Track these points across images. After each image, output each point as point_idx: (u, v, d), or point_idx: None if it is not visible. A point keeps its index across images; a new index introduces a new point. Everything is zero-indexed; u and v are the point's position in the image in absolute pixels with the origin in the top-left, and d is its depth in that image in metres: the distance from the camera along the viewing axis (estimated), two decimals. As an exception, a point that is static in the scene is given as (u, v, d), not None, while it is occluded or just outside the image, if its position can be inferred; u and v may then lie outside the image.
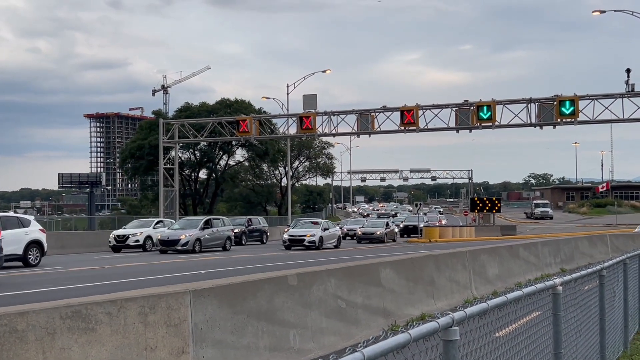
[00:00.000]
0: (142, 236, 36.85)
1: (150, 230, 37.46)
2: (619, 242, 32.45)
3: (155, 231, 37.01)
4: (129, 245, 36.46)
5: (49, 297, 12.66)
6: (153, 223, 38.58)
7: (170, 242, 33.92)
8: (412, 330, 3.12)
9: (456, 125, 42.63)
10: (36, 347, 5.79)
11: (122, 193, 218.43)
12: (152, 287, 8.83)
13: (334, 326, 9.96)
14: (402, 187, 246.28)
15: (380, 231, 45.81)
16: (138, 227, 38.26)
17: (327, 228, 39.41)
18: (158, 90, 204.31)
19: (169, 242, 33.96)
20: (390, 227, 48.90)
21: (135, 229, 37.66)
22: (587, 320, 7.55)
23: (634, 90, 39.77)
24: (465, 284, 15.52)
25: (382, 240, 45.08)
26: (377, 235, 45.47)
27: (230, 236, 37.33)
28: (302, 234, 38.25)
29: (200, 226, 34.88)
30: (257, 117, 49.55)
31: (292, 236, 38.37)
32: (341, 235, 41.65)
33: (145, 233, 37.05)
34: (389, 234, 47.13)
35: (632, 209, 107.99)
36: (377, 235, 45.36)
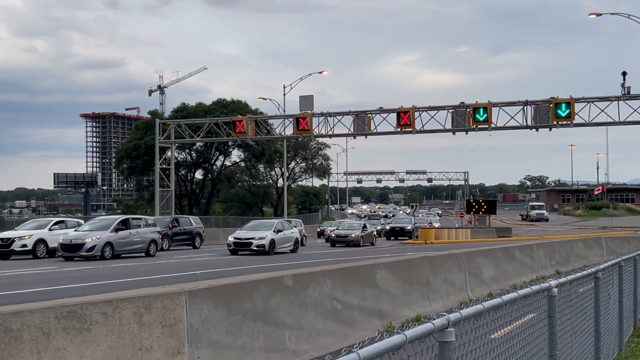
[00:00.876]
0: (32, 240, 29.83)
1: (44, 232, 30.56)
2: (614, 244, 32.55)
3: (52, 233, 30.51)
4: (14, 251, 29.62)
5: (44, 297, 12.63)
6: (50, 223, 31.61)
7: (73, 247, 27.98)
8: (408, 332, 3.12)
9: (452, 127, 42.68)
10: (31, 347, 5.77)
11: (117, 193, 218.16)
12: (147, 288, 8.82)
13: (330, 327, 9.96)
14: (398, 189, 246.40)
15: (356, 233, 42.97)
16: (32, 228, 31.46)
17: (281, 230, 34.29)
18: (155, 90, 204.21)
19: (71, 247, 28.03)
20: (368, 229, 45.71)
21: (25, 231, 30.81)
22: (582, 323, 7.56)
23: (630, 93, 39.87)
24: (461, 285, 15.54)
25: (357, 243, 42.22)
26: (352, 237, 42.65)
27: (156, 239, 31.85)
28: (249, 237, 32.92)
29: (114, 227, 29.21)
30: (254, 118, 49.54)
31: (237, 239, 33.20)
32: (299, 238, 36.45)
33: (36, 236, 30.05)
34: (367, 237, 44.23)
35: (627, 211, 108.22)
36: (353, 238, 42.56)
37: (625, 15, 42.58)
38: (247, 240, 32.78)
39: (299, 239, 36.34)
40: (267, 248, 32.36)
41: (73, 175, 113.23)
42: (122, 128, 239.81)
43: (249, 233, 33.52)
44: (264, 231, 33.46)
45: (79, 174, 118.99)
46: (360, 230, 43.78)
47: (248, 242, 32.68)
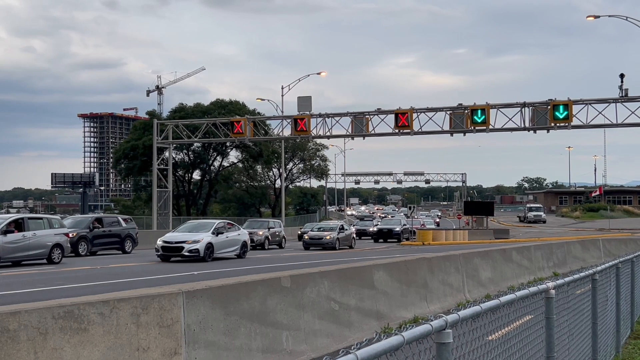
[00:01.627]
0: None
1: None
2: (612, 246, 32.59)
3: None
4: None
5: (41, 297, 12.62)
6: None
7: None
8: (406, 333, 3.12)
9: (450, 128, 42.72)
10: (28, 347, 5.76)
11: (115, 193, 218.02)
12: (144, 288, 8.81)
13: (327, 328, 9.96)
14: (395, 190, 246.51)
15: (331, 235, 40.11)
16: None
17: (222, 232, 28.99)
18: (152, 90, 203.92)
19: None
20: (346, 231, 42.92)
21: None
22: (580, 324, 7.57)
23: (628, 95, 39.94)
24: (459, 287, 15.55)
25: (333, 246, 39.56)
26: (326, 240, 39.84)
27: (61, 243, 26.65)
28: (180, 240, 27.45)
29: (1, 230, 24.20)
30: (252, 119, 49.53)
31: (167, 243, 27.55)
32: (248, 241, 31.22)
33: None
34: (344, 239, 41.49)
35: (624, 213, 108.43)
36: (327, 241, 39.76)
37: (623, 17, 42.67)
38: (178, 244, 27.27)
39: (247, 242, 30.87)
40: (202, 254, 26.94)
41: (71, 176, 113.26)
42: (120, 128, 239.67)
43: (183, 235, 28.09)
44: (200, 233, 28.06)
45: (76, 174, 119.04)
46: (336, 232, 40.96)
47: (178, 246, 27.20)
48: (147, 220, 56.39)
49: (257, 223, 43.27)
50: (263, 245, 40.16)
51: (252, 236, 37.83)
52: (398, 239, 50.64)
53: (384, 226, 54.29)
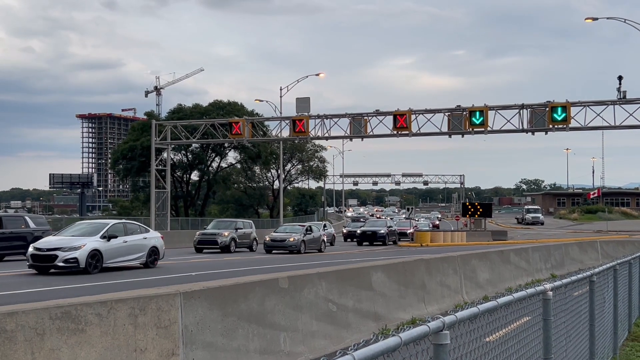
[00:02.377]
0: None
1: None
2: (610, 248, 32.60)
3: None
4: None
5: (39, 298, 12.61)
6: None
7: None
8: (403, 334, 3.12)
9: (448, 130, 42.72)
10: (25, 348, 5.75)
11: (113, 194, 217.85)
12: (142, 289, 8.81)
13: (325, 329, 9.96)
14: (394, 191, 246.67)
15: (295, 237, 36.27)
16: None
17: (115, 235, 22.43)
18: (151, 91, 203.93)
19: None
20: (314, 233, 38.85)
21: None
22: (577, 326, 7.57)
23: (626, 97, 39.96)
24: (456, 288, 15.55)
25: (297, 249, 35.89)
26: (289, 243, 36.08)
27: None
28: (55, 247, 21.17)
29: None
30: (250, 120, 49.51)
31: (38, 250, 21.28)
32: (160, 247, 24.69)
33: None
34: (310, 242, 37.66)
35: (622, 215, 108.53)
36: (290, 243, 36.00)
37: (621, 19, 42.71)
38: (51, 252, 21.05)
39: (159, 248, 24.39)
40: (84, 264, 20.88)
41: (69, 176, 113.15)
42: (118, 129, 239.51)
43: (60, 241, 21.81)
44: (85, 238, 21.84)
45: (74, 174, 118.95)
46: (301, 234, 37.05)
47: (51, 255, 20.98)
48: (146, 222, 56.24)
49: (223, 223, 40.55)
50: (228, 247, 36.78)
51: (216, 237, 36.48)
52: (383, 242, 47.68)
53: (367, 228, 50.31)
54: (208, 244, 36.87)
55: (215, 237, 36.90)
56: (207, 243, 36.93)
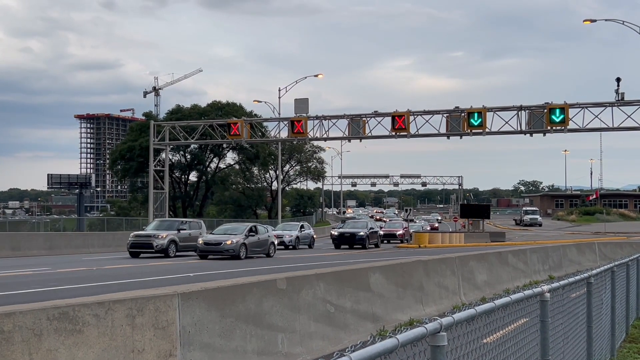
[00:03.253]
0: None
1: None
2: (607, 250, 32.64)
3: None
4: None
5: (36, 298, 12.58)
6: None
7: None
8: (400, 336, 3.12)
9: (447, 131, 42.73)
10: (22, 349, 5.75)
11: (111, 195, 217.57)
12: (140, 290, 8.80)
13: (323, 330, 9.95)
14: (392, 193, 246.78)
15: (234, 240, 30.23)
16: None
17: None
18: (149, 92, 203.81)
19: None
20: (260, 235, 32.71)
21: None
22: (575, 328, 7.58)
23: (624, 99, 39.99)
24: (454, 289, 15.56)
25: (236, 254, 30.06)
26: (226, 247, 29.99)
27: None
28: None
29: None
30: (249, 120, 49.49)
31: None
32: None
33: None
34: (255, 246, 31.69)
35: (620, 217, 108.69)
36: (228, 247, 29.93)
37: (619, 21, 42.77)
38: None
39: None
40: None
41: (67, 177, 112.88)
42: (117, 129, 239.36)
43: None
44: None
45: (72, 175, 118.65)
46: (242, 236, 31.00)
47: None
48: (144, 222, 56.27)
49: (165, 223, 34.87)
50: (166, 251, 31.59)
51: (152, 240, 31.37)
52: (362, 245, 43.25)
53: (346, 230, 45.06)
54: (142, 248, 31.48)
55: (151, 239, 31.53)
56: (141, 246, 31.55)
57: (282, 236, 42.37)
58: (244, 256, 30.52)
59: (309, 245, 45.35)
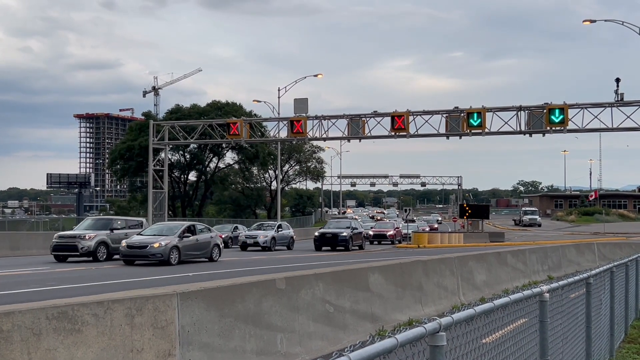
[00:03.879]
0: None
1: None
2: (607, 250, 32.66)
3: None
4: None
5: (35, 298, 12.58)
6: None
7: None
8: (399, 335, 3.12)
9: (446, 131, 42.73)
10: (21, 348, 5.75)
11: (110, 194, 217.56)
12: (139, 289, 8.80)
13: (322, 330, 9.95)
14: (391, 193, 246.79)
15: (161, 243, 25.86)
16: None
17: None
18: (149, 91, 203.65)
19: None
20: (199, 236, 28.37)
21: None
22: (574, 328, 7.58)
23: (623, 99, 40.00)
24: (453, 290, 15.56)
25: (165, 259, 25.63)
26: (153, 250, 25.65)
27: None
28: None
29: None
30: (248, 120, 49.49)
31: None
32: None
33: None
34: (191, 249, 27.48)
35: (619, 217, 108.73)
36: (155, 251, 25.61)
37: (619, 22, 42.78)
38: None
39: None
40: None
41: (66, 176, 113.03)
42: (116, 129, 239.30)
43: None
44: None
45: (72, 174, 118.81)
46: (174, 238, 26.57)
47: None
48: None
49: (99, 222, 30.70)
50: (94, 253, 27.62)
51: (77, 242, 27.57)
52: (345, 247, 40.83)
53: (327, 230, 42.39)
54: (67, 250, 27.72)
55: (76, 240, 27.60)
56: (64, 249, 27.72)
57: (256, 236, 41.16)
58: (176, 261, 26.07)
59: (288, 246, 43.09)
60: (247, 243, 41.52)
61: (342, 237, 41.09)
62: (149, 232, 27.95)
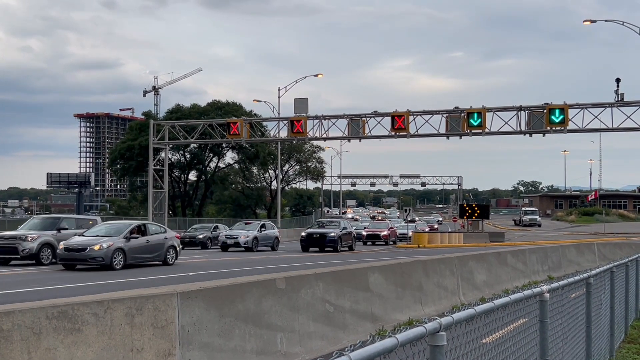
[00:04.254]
0: None
1: None
2: (607, 250, 32.65)
3: None
4: None
5: (35, 297, 12.57)
6: None
7: None
8: (400, 335, 3.12)
9: (446, 131, 42.73)
10: (21, 347, 5.74)
11: (110, 194, 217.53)
12: (139, 289, 8.80)
13: (322, 330, 9.95)
14: (391, 193, 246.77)
15: (102, 245, 23.09)
16: None
17: None
18: (149, 91, 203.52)
19: None
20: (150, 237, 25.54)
21: None
22: (574, 328, 7.58)
23: (624, 99, 40.00)
24: (453, 290, 15.55)
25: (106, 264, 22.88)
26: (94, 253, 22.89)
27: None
28: None
29: None
30: (248, 120, 49.49)
31: None
32: None
33: None
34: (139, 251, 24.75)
35: (619, 217, 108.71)
36: (96, 254, 22.85)
37: (619, 22, 42.79)
38: None
39: None
40: None
41: (66, 176, 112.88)
42: (116, 128, 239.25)
43: None
44: None
45: (72, 174, 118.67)
46: (120, 239, 23.97)
47: None
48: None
49: (46, 221, 27.93)
50: (37, 256, 25.02)
51: (17, 244, 25.07)
52: (334, 248, 39.12)
53: (315, 230, 40.79)
54: (6, 253, 25.25)
55: (16, 242, 25.10)
56: (4, 252, 25.27)
57: (237, 236, 39.44)
58: (121, 265, 23.43)
59: (272, 247, 41.05)
60: (227, 243, 39.64)
61: (330, 237, 39.12)
62: (92, 233, 24.94)
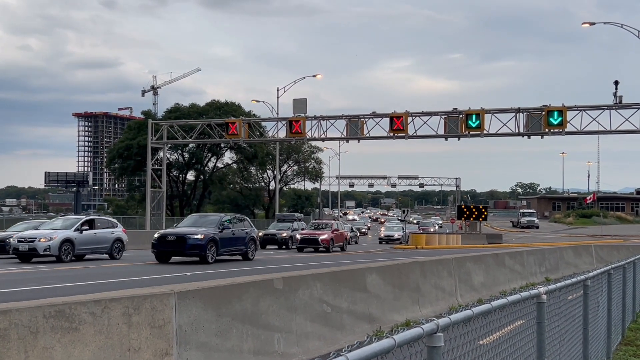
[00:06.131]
0: None
1: None
2: (604, 252, 32.68)
3: None
4: None
5: (33, 296, 12.56)
6: None
7: None
8: (397, 336, 3.12)
9: (445, 132, 42.76)
10: (18, 346, 5.74)
11: (108, 193, 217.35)
12: (136, 288, 8.79)
13: (319, 331, 9.95)
14: (390, 194, 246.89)
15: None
16: None
17: None
18: (148, 90, 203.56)
19: None
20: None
21: None
22: (571, 330, 7.58)
23: (622, 102, 40.04)
24: (451, 291, 15.56)
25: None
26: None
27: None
28: None
29: None
30: (247, 120, 49.48)
31: None
32: None
33: None
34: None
35: (617, 220, 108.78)
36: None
37: (618, 24, 42.82)
38: None
39: None
40: None
41: (64, 175, 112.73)
42: (115, 128, 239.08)
43: None
44: None
45: (70, 173, 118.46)
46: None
47: None
48: (140, 221, 56.27)
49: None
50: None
51: None
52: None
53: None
54: None
55: None
56: None
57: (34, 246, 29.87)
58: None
59: None
60: None
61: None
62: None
